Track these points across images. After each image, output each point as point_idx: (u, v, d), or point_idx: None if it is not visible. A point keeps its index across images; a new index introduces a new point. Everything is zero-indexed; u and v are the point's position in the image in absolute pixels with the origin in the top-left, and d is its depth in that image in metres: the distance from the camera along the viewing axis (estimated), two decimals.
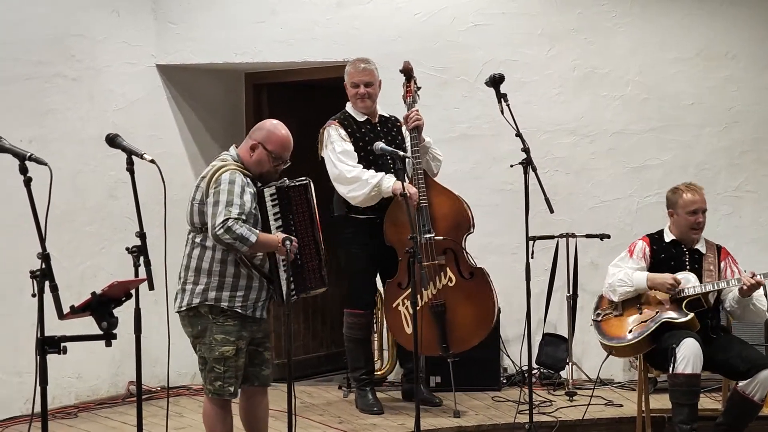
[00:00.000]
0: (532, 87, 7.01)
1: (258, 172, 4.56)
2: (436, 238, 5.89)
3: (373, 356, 6.44)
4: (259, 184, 4.55)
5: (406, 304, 5.88)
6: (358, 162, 5.96)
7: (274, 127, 4.64)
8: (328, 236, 5.12)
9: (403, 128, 6.19)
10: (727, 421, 5.32)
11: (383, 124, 6.19)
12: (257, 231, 4.40)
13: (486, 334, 6.04)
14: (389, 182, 5.80)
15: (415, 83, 6.16)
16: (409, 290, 4.97)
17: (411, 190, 5.72)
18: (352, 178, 5.93)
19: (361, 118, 6.13)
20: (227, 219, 4.31)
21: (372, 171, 5.89)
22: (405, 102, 6.12)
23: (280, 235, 4.46)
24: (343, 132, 6.04)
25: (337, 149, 5.98)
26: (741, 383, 5.22)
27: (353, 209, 6.05)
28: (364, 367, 6.27)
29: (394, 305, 6.01)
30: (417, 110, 6.04)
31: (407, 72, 6.15)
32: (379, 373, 6.93)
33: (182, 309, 4.56)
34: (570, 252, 6.72)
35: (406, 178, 5.74)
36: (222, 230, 4.30)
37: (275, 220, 4.55)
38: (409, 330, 4.99)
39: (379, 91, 6.16)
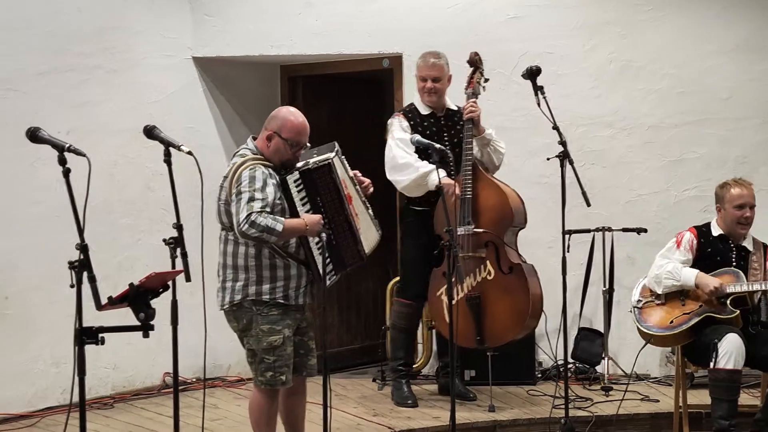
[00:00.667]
0: (569, 80, 6.97)
1: (278, 161, 4.55)
2: (475, 230, 5.88)
3: (414, 349, 6.41)
4: (282, 172, 4.54)
5: (449, 293, 5.84)
6: (414, 153, 5.94)
7: (288, 113, 4.62)
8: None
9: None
10: (766, 417, 5.27)
11: (449, 118, 6.19)
12: (282, 219, 4.39)
13: (519, 331, 5.97)
14: (436, 177, 5.75)
15: (481, 74, 6.13)
16: (461, 279, 4.96)
17: (446, 182, 5.72)
18: (403, 164, 5.94)
19: (425, 112, 6.16)
20: (250, 213, 4.30)
21: (425, 162, 5.87)
22: (465, 93, 6.10)
23: (306, 216, 4.46)
24: (405, 123, 6.08)
25: (395, 136, 6.04)
26: None
27: (411, 200, 6.12)
28: (403, 358, 6.29)
29: (437, 294, 6.01)
30: (474, 102, 6.02)
31: (471, 63, 6.15)
32: (414, 366, 6.94)
33: (225, 306, 4.59)
34: (606, 246, 6.67)
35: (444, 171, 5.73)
36: (247, 225, 4.30)
37: (303, 204, 4.54)
38: (448, 319, 4.98)
39: (448, 86, 6.16)
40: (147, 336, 3.58)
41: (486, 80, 6.14)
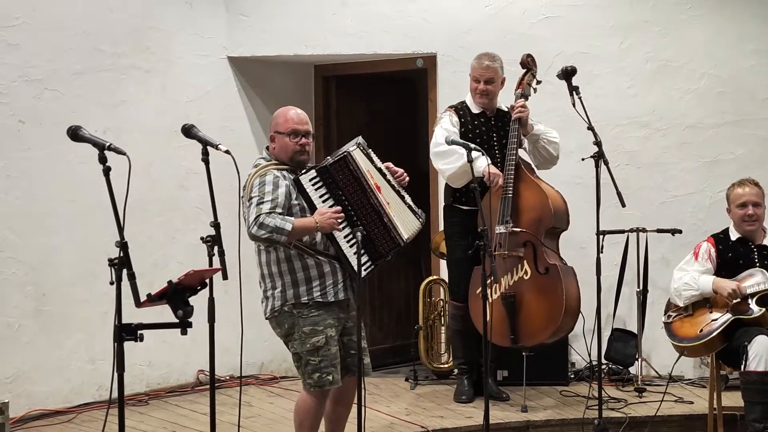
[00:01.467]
0: (604, 80, 6.94)
1: (287, 157, 4.57)
2: (513, 229, 5.88)
3: (473, 347, 6.37)
4: (300, 173, 4.54)
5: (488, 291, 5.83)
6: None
7: (281, 110, 4.69)
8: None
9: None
10: None
11: (499, 118, 6.21)
12: (292, 219, 4.40)
13: (551, 332, 5.93)
14: (483, 163, 5.72)
15: (533, 76, 6.15)
16: (495, 278, 4.96)
17: (493, 170, 5.78)
18: (449, 150, 5.90)
19: (476, 110, 6.19)
20: (259, 215, 4.33)
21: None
22: (514, 93, 6.12)
23: (317, 213, 4.46)
24: (455, 119, 6.14)
25: (443, 125, 6.07)
26: None
27: (457, 199, 6.13)
28: (461, 357, 6.34)
29: (477, 291, 6.00)
30: (523, 102, 6.03)
31: (524, 65, 6.18)
32: (446, 365, 6.94)
33: (267, 315, 4.62)
34: (640, 247, 6.64)
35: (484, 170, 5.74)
36: (256, 227, 4.33)
37: (324, 201, 4.54)
38: (487, 317, 4.98)
39: (501, 89, 6.19)
40: (185, 333, 3.60)
41: (538, 82, 6.15)
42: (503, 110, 6.23)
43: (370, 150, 4.77)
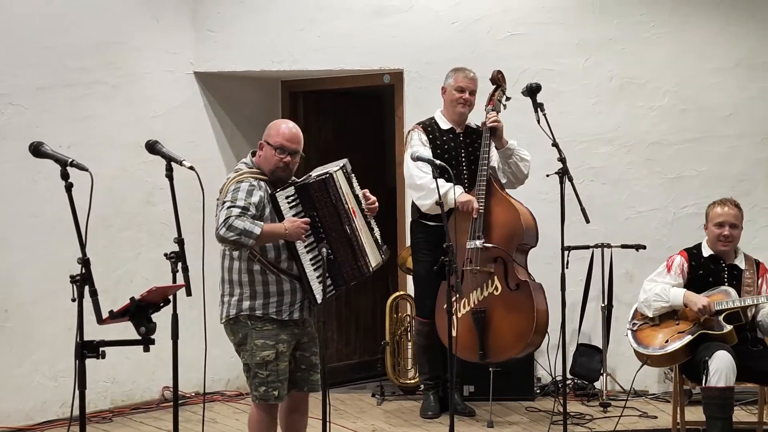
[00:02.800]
0: (569, 97, 7.00)
1: (268, 170, 4.53)
2: (485, 245, 5.90)
3: (439, 362, 6.40)
4: (277, 190, 4.52)
5: (455, 307, 5.83)
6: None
7: (278, 121, 4.68)
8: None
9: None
10: None
11: (467, 135, 6.24)
12: (261, 223, 4.36)
13: (521, 349, 5.99)
14: (453, 196, 5.77)
15: (503, 92, 6.18)
16: (459, 294, 4.98)
17: (463, 200, 5.85)
18: (421, 185, 5.99)
19: (445, 126, 6.21)
20: (228, 217, 4.31)
21: (441, 181, 5.76)
22: (485, 109, 6.15)
23: (287, 221, 4.42)
24: (424, 137, 6.13)
25: (414, 151, 5.92)
26: None
27: (423, 215, 6.14)
28: (428, 373, 6.35)
29: (444, 306, 6.01)
30: (496, 115, 6.06)
31: (494, 81, 6.21)
32: (412, 381, 6.94)
33: (223, 320, 4.60)
34: (605, 262, 6.69)
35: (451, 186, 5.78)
36: (224, 228, 4.30)
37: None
38: (453, 333, 5.00)
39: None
40: (148, 350, 3.59)
41: (508, 99, 6.18)
42: (472, 127, 6.27)
43: (353, 175, 4.75)
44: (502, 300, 5.93)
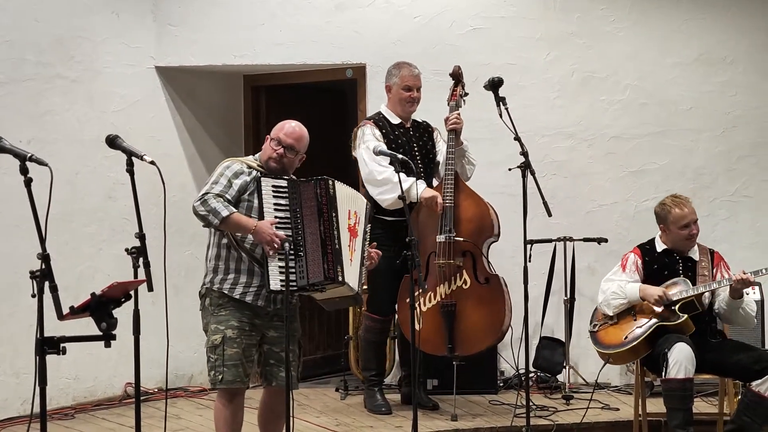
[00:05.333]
0: (531, 91, 7.03)
1: (263, 161, 4.68)
2: (456, 238, 5.91)
3: (385, 359, 6.42)
4: (268, 176, 4.58)
5: (418, 301, 5.82)
6: (390, 165, 5.91)
7: (285, 121, 4.79)
8: None
9: (435, 133, 6.28)
10: (740, 422, 5.22)
11: (416, 129, 6.24)
12: (234, 210, 4.47)
13: (492, 342, 6.08)
14: (417, 190, 5.78)
15: (463, 88, 6.19)
16: (423, 289, 4.99)
17: (428, 195, 5.86)
18: (383, 180, 5.95)
19: (395, 121, 6.19)
20: (206, 193, 4.48)
21: (403, 175, 5.57)
22: (448, 104, 6.17)
23: (261, 223, 4.43)
24: (377, 132, 6.09)
25: (369, 146, 5.93)
26: (755, 383, 5.18)
27: (380, 210, 6.02)
28: (375, 369, 6.32)
29: (407, 300, 6.00)
30: (458, 114, 6.06)
31: (455, 76, 6.21)
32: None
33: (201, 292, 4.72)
34: (567, 256, 6.73)
35: (416, 181, 5.82)
36: (198, 202, 4.45)
37: (276, 210, 4.51)
38: (417, 327, 5.00)
39: None
40: (109, 346, 3.57)
41: (466, 94, 6.20)
42: (418, 121, 6.29)
43: (371, 208, 4.91)
44: (471, 293, 5.95)
